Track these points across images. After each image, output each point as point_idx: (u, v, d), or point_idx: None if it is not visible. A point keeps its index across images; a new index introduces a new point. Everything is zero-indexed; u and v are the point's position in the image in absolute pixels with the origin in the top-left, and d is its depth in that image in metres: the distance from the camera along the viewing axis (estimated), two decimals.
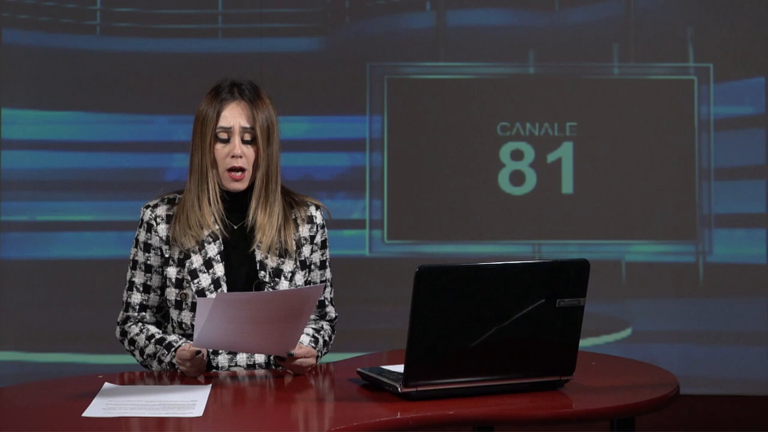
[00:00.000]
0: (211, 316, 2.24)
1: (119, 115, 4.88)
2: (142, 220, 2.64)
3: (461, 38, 4.90)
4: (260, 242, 2.59)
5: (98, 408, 2.14)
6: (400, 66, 4.91)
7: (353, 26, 4.92)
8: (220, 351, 2.55)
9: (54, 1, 4.87)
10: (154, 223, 2.62)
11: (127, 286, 2.64)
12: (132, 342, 2.62)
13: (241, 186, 2.59)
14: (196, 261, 2.58)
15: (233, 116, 2.57)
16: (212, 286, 2.57)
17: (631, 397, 2.27)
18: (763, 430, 4.68)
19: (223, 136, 2.57)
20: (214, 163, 2.58)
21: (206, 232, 2.58)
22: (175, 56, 4.88)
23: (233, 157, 2.56)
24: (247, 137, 2.58)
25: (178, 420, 2.07)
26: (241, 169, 2.57)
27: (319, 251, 2.69)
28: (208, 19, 4.92)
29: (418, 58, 4.91)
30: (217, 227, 2.59)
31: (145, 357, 2.58)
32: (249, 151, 2.58)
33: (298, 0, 4.91)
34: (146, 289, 2.63)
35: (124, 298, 2.65)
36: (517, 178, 4.89)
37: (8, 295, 4.87)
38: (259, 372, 2.54)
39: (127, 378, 2.44)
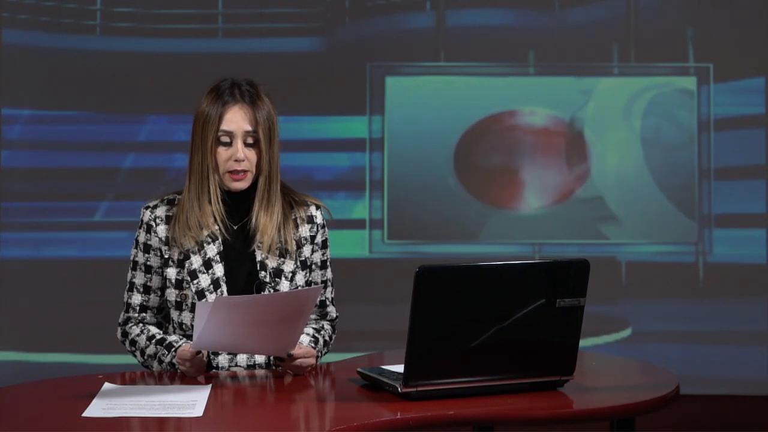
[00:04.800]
0: (210, 320, 2.24)
1: (119, 115, 4.88)
2: (142, 221, 2.64)
3: (461, 38, 4.90)
4: (260, 242, 2.59)
5: (98, 408, 2.14)
6: (400, 66, 4.91)
7: (353, 26, 4.92)
8: (220, 351, 2.55)
9: (54, 1, 4.88)
10: (154, 224, 2.62)
11: (127, 287, 2.64)
12: (133, 343, 2.62)
13: (243, 185, 2.58)
14: (196, 261, 2.58)
15: (236, 120, 2.56)
16: (212, 286, 2.57)
17: (631, 397, 2.27)
18: (763, 430, 4.68)
19: (226, 139, 2.57)
20: (216, 165, 2.57)
21: (205, 233, 2.58)
22: (175, 56, 4.88)
23: (236, 161, 2.55)
24: (250, 140, 2.57)
25: (178, 420, 2.07)
26: (244, 171, 2.57)
27: (319, 251, 2.69)
28: (208, 19, 4.92)
29: (418, 58, 4.91)
30: (216, 228, 2.59)
31: (145, 357, 2.58)
32: (251, 153, 2.58)
33: (298, 0, 4.92)
34: (146, 290, 2.63)
35: (125, 299, 2.65)
36: (518, 178, 4.89)
37: (8, 295, 4.87)
38: (259, 372, 2.54)
39: (127, 378, 2.43)
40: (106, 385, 2.32)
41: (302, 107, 4.82)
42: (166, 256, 2.60)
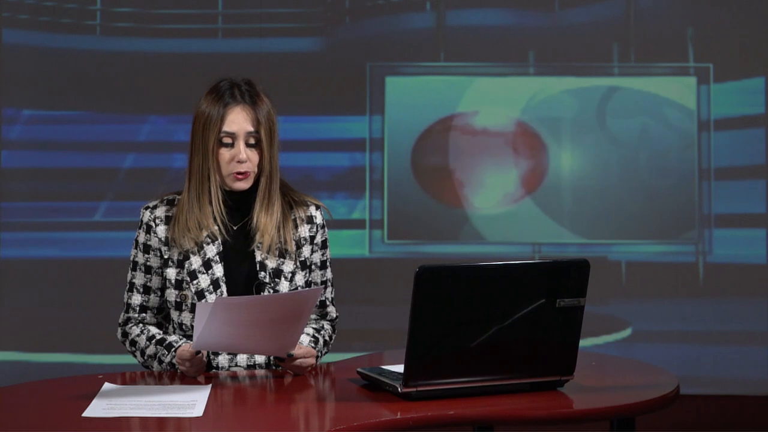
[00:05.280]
0: (210, 320, 2.24)
1: (119, 115, 4.88)
2: (142, 221, 2.64)
3: (461, 38, 4.90)
4: (260, 242, 2.59)
5: (98, 408, 2.14)
6: (400, 66, 4.91)
7: (353, 26, 4.93)
8: (221, 352, 2.54)
9: (54, 1, 4.88)
10: (153, 225, 2.62)
11: (127, 287, 2.64)
12: (133, 343, 2.62)
13: (245, 185, 2.58)
14: (195, 262, 2.57)
15: (238, 121, 2.55)
16: (211, 286, 2.56)
17: (631, 397, 2.27)
18: (763, 430, 4.68)
19: (228, 141, 2.56)
20: (217, 167, 2.57)
21: (205, 233, 2.58)
22: (175, 56, 4.88)
23: (238, 162, 2.55)
24: (252, 141, 2.57)
25: (178, 420, 2.07)
26: (246, 171, 2.57)
27: (319, 251, 2.68)
28: (208, 19, 4.92)
29: (418, 58, 4.91)
30: (216, 228, 2.59)
31: (146, 358, 2.58)
32: (253, 154, 2.57)
33: (298, 0, 4.92)
34: (146, 290, 2.63)
35: (125, 300, 2.64)
36: (518, 177, 4.89)
37: (8, 295, 4.87)
38: (259, 372, 2.54)
39: (127, 378, 2.43)
40: (106, 385, 2.32)
41: (302, 107, 4.82)
42: (166, 257, 2.60)
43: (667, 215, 4.87)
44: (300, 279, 2.63)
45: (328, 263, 2.71)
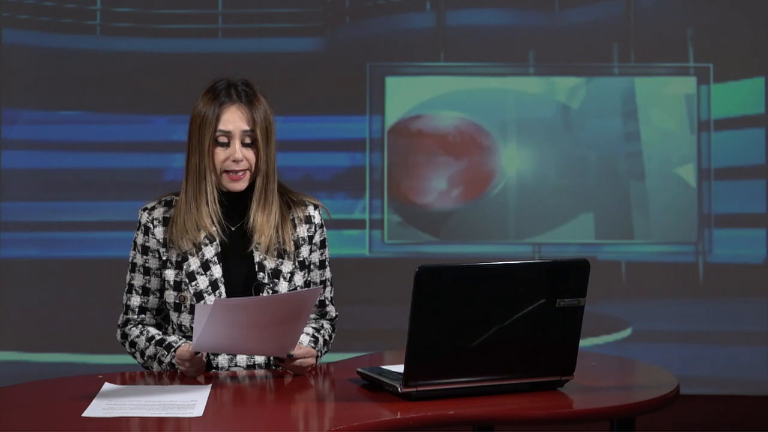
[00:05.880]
0: (210, 322, 2.24)
1: (119, 115, 4.88)
2: (140, 222, 2.63)
3: (461, 38, 4.90)
4: (258, 243, 2.58)
5: (98, 408, 2.14)
6: (400, 66, 4.91)
7: (353, 26, 4.93)
8: (220, 352, 2.54)
9: (54, 1, 4.88)
10: (151, 226, 2.61)
11: (126, 288, 2.64)
12: (132, 344, 2.61)
13: (241, 186, 2.58)
14: (194, 263, 2.57)
15: (233, 120, 2.55)
16: (210, 288, 2.56)
17: (631, 397, 2.27)
18: (763, 430, 4.68)
19: (223, 140, 2.56)
20: (213, 166, 2.57)
21: (203, 234, 2.58)
22: (175, 56, 4.88)
23: (234, 161, 2.55)
24: (247, 140, 2.57)
25: (178, 420, 2.07)
26: (243, 171, 2.57)
27: (318, 251, 2.68)
28: (208, 19, 4.92)
29: (418, 58, 4.91)
30: (214, 229, 2.58)
31: (145, 359, 2.58)
32: (249, 153, 2.57)
33: (298, 0, 4.92)
34: (145, 291, 2.62)
35: (124, 301, 2.64)
36: (518, 177, 4.89)
37: (8, 295, 4.87)
38: (259, 372, 2.54)
39: (127, 378, 2.43)
40: (106, 385, 2.32)
41: (302, 107, 4.82)
42: (165, 258, 2.60)
43: (667, 215, 4.87)
44: (299, 279, 2.63)
45: (327, 263, 2.71)
